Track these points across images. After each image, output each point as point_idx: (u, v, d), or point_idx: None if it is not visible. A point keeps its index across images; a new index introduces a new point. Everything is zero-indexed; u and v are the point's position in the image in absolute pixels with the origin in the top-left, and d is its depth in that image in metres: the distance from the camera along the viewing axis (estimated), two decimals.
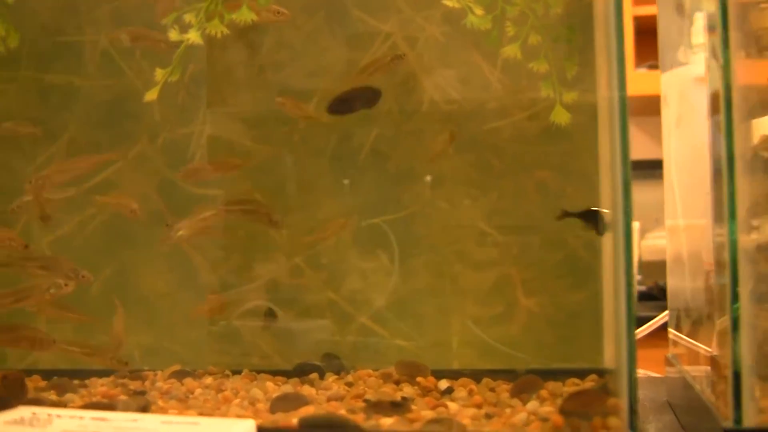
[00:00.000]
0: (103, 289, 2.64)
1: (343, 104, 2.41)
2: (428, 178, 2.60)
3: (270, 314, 2.56)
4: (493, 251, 2.56)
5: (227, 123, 2.67)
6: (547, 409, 2.05)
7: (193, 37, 2.25)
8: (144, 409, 2.04)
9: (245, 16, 2.23)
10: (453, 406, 2.10)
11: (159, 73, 2.32)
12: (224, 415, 2.09)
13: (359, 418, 1.97)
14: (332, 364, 2.51)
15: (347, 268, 2.60)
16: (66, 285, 2.30)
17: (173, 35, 2.28)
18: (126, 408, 2.01)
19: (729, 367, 1.75)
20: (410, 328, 2.57)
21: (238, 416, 2.08)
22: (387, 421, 1.94)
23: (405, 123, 2.59)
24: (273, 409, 2.12)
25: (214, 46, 2.52)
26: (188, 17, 2.28)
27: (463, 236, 2.58)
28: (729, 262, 1.78)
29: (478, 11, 2.23)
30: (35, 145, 2.70)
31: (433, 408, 2.07)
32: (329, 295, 2.60)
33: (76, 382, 2.44)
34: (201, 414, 2.08)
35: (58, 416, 1.73)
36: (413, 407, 2.04)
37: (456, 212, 2.57)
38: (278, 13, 2.30)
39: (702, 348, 2.37)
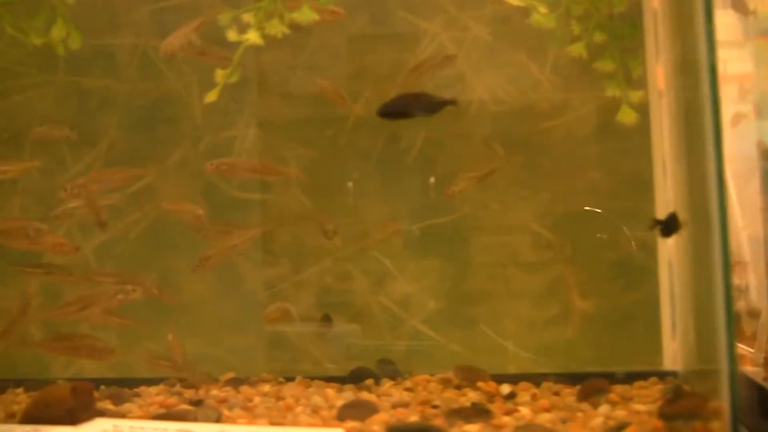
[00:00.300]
0: (148, 296, 2.59)
1: (396, 109, 2.35)
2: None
3: (326, 319, 2.52)
4: (547, 253, 2.53)
5: (272, 126, 2.63)
6: (622, 413, 2.03)
7: (253, 37, 2.21)
8: (218, 420, 2.00)
9: (307, 15, 2.19)
10: (525, 411, 2.07)
11: (219, 75, 2.28)
12: (294, 423, 2.06)
13: (442, 424, 1.93)
14: (387, 369, 2.48)
15: (399, 272, 2.56)
16: (134, 290, 2.25)
17: (231, 35, 2.23)
18: (205, 418, 1.97)
19: None
20: (463, 332, 2.54)
21: (308, 425, 2.04)
22: (472, 428, 1.90)
23: (453, 125, 2.55)
24: (341, 417, 2.08)
25: (257, 49, 2.47)
26: (247, 17, 2.23)
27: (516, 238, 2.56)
28: None
29: (543, 9, 2.20)
30: (75, 149, 2.65)
31: (507, 414, 2.04)
32: (380, 299, 2.56)
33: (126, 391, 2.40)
34: (272, 423, 2.04)
35: (141, 428, 1.69)
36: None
37: (508, 214, 2.55)
38: (334, 13, 2.26)
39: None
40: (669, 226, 2.17)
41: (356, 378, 2.43)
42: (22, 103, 2.69)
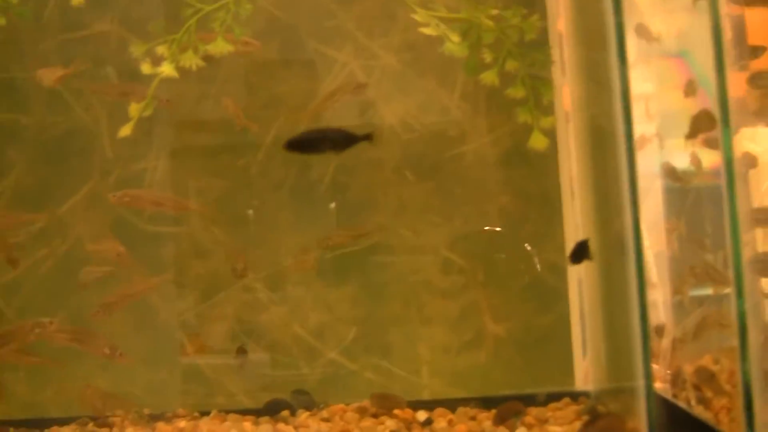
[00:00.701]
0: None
1: (304, 143, 2.32)
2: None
3: (241, 351, 2.50)
4: (459, 278, 2.55)
5: (182, 157, 2.61)
6: None
7: (167, 70, 2.19)
8: None
9: (221, 47, 2.19)
10: None
11: (133, 109, 2.27)
12: None
13: None
14: (302, 399, 2.46)
15: (313, 302, 2.55)
16: (50, 323, 2.21)
17: (146, 68, 2.22)
18: None
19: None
20: (378, 359, 2.54)
21: None
22: None
23: (365, 152, 2.56)
24: None
25: (166, 80, 2.46)
26: (161, 50, 2.22)
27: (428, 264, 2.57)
28: None
29: (455, 38, 2.22)
30: None
31: None
32: (295, 329, 2.55)
33: None
34: None
35: None
36: None
37: (420, 239, 2.56)
38: (247, 44, 2.26)
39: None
40: (578, 254, 2.20)
41: (272, 410, 2.41)
42: None
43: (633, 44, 2.67)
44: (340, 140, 2.27)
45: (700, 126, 1.94)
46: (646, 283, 1.82)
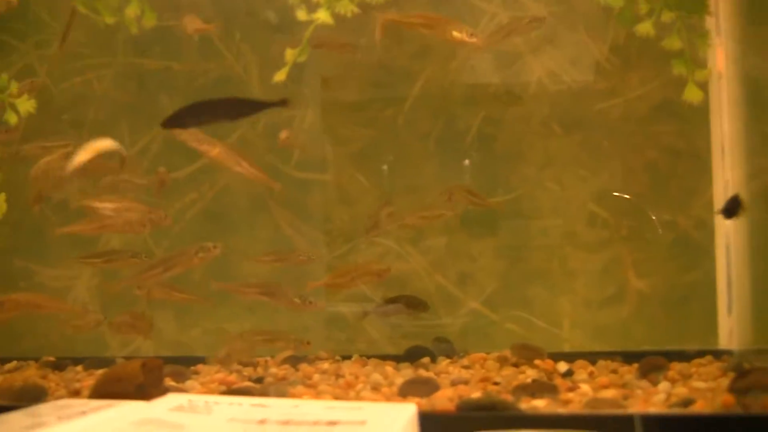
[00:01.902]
0: (205, 275, 2.62)
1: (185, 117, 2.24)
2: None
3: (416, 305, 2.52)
4: (604, 232, 2.54)
5: (329, 107, 2.64)
6: (683, 390, 2.02)
7: (323, 16, 2.22)
8: (283, 394, 2.02)
9: None
10: (586, 388, 2.07)
11: (288, 53, 2.29)
12: (357, 399, 2.08)
13: (509, 400, 1.94)
14: (443, 347, 2.49)
15: (456, 252, 2.57)
16: (215, 247, 2.28)
17: (301, 15, 2.25)
18: (275, 394, 1.99)
19: None
20: (520, 310, 2.55)
21: (371, 400, 2.06)
22: (539, 403, 1.91)
23: (511, 107, 2.56)
24: (403, 393, 2.09)
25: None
26: None
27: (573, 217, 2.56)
28: None
29: None
30: (134, 131, 2.68)
31: (570, 390, 2.04)
32: (437, 279, 2.58)
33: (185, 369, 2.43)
34: (336, 399, 2.06)
35: (216, 403, 1.70)
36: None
37: (565, 193, 2.55)
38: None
39: None
40: (731, 209, 2.17)
41: (412, 356, 2.44)
42: (82, 84, 2.73)
43: None
44: (237, 108, 2.21)
45: None
46: None
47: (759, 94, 1.98)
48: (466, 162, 2.60)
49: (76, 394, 2.25)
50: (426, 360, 2.44)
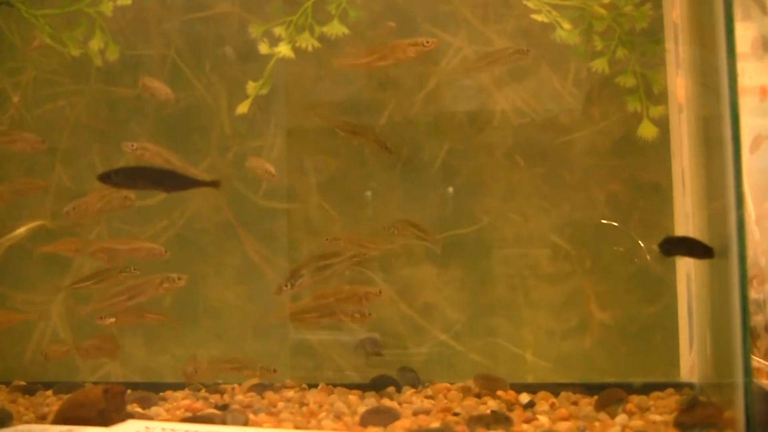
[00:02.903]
0: (175, 301, 2.65)
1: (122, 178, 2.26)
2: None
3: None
4: (566, 264, 2.57)
5: (298, 136, 2.68)
6: (638, 422, 2.06)
7: (284, 50, 2.26)
8: (245, 423, 2.05)
9: (336, 29, 2.25)
10: (544, 420, 2.11)
11: (251, 86, 2.34)
12: (318, 428, 2.10)
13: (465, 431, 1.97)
14: (408, 377, 2.52)
15: (421, 282, 2.60)
16: (179, 279, 2.31)
17: (263, 48, 2.29)
18: (233, 421, 2.02)
19: None
20: (484, 341, 2.58)
21: (332, 429, 2.09)
22: None
23: (476, 136, 2.60)
24: (364, 422, 2.12)
25: (282, 61, 2.52)
26: (278, 30, 2.29)
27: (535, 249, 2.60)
28: None
29: (566, 26, 2.25)
30: (105, 158, 2.71)
31: (527, 422, 2.08)
32: (403, 309, 2.61)
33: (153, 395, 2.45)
34: (297, 428, 2.09)
35: (173, 430, 1.73)
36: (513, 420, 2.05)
37: (528, 225, 2.59)
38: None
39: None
40: (669, 248, 2.22)
41: (378, 385, 2.48)
42: (54, 112, 2.76)
43: (749, 35, 2.68)
44: (173, 181, 2.27)
45: None
46: (747, 283, 1.83)
47: (712, 132, 2.02)
48: (433, 192, 2.63)
49: (43, 418, 2.27)
50: (391, 389, 2.47)
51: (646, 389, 2.35)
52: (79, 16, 2.52)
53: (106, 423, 1.93)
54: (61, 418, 2.03)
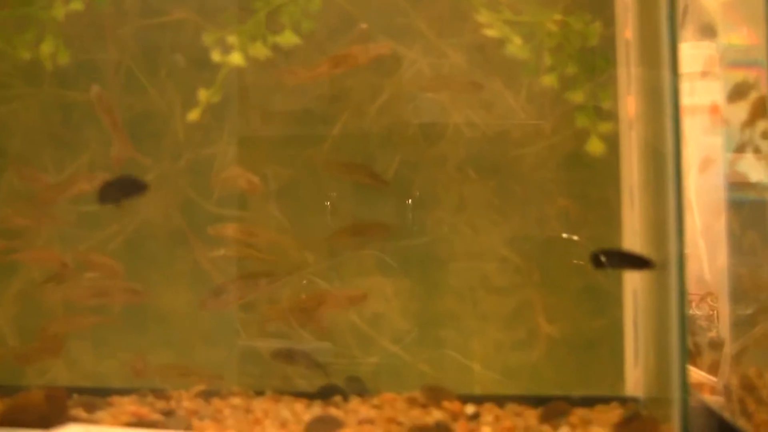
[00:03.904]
0: (125, 308, 2.64)
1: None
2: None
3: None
4: (515, 277, 2.59)
5: (251, 145, 2.68)
6: None
7: (236, 59, 2.27)
8: (187, 428, 2.05)
9: (289, 39, 2.26)
10: (487, 431, 2.12)
11: (202, 94, 2.34)
12: None
13: None
14: (355, 386, 2.53)
15: (370, 292, 2.61)
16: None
17: (216, 56, 2.29)
18: (174, 426, 2.02)
19: None
20: (432, 352, 2.59)
21: None
22: None
23: (430, 150, 2.61)
24: (309, 431, 2.13)
25: (237, 70, 2.53)
26: (231, 39, 2.29)
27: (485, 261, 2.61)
28: None
29: (517, 41, 2.27)
30: (57, 162, 2.70)
31: None
32: (352, 317, 2.61)
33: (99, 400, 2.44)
34: None
35: None
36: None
37: (478, 237, 2.60)
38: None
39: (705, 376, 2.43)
40: (598, 260, 2.25)
41: (325, 394, 2.48)
42: (7, 114, 2.74)
43: (700, 53, 2.72)
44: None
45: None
46: (686, 296, 1.86)
47: (657, 150, 2.05)
48: (387, 201, 2.64)
49: None
50: (338, 398, 2.48)
51: (591, 402, 2.37)
52: (30, 19, 2.51)
53: (47, 427, 1.92)
54: (4, 422, 2.01)
